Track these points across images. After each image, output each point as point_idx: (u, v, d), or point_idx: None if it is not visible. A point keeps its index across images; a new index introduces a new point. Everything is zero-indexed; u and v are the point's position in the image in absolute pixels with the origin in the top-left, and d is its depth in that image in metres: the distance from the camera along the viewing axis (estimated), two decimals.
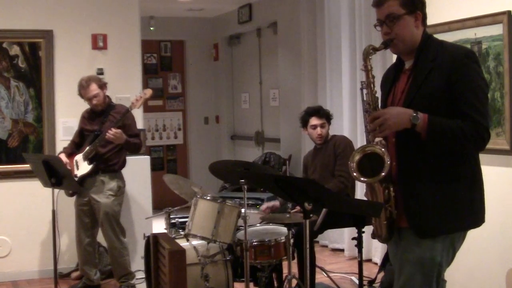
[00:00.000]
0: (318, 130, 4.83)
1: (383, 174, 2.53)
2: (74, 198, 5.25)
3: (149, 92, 5.14)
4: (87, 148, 5.09)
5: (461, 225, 2.61)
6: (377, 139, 2.60)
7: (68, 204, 5.29)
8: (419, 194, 2.57)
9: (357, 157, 2.60)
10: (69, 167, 5.10)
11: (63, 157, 5.17)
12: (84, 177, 5.13)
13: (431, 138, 2.51)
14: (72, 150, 5.28)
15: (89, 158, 5.08)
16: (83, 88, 5.11)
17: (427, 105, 2.54)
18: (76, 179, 5.09)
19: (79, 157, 5.17)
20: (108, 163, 5.14)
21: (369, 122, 2.59)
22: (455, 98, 2.53)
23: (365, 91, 2.67)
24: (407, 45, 2.65)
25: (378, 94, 2.73)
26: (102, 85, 5.17)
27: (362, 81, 2.69)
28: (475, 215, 2.63)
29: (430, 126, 2.50)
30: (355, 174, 2.60)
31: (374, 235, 2.77)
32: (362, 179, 2.60)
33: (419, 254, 2.58)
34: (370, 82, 2.66)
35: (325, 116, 4.89)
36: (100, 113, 5.19)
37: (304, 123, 4.91)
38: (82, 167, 5.12)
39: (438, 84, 2.54)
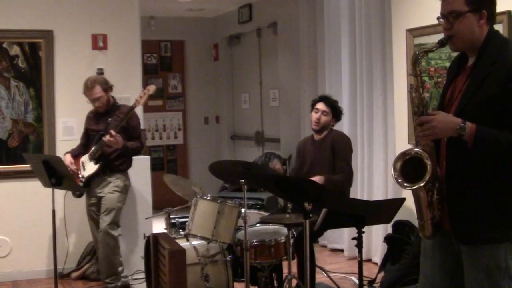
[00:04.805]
0: (318, 115, 4.82)
1: (427, 177, 2.46)
2: (73, 199, 5.25)
3: (152, 88, 5.09)
4: (93, 148, 5.09)
5: (508, 235, 2.49)
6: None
7: (72, 205, 5.29)
8: (464, 198, 2.50)
9: (398, 164, 2.54)
10: (74, 168, 5.10)
11: (68, 157, 5.17)
12: (91, 178, 5.13)
13: (478, 148, 2.44)
14: (79, 151, 5.28)
15: (95, 158, 5.08)
16: (87, 89, 5.11)
17: (480, 114, 2.46)
18: (83, 180, 5.11)
19: (85, 158, 5.17)
20: (115, 163, 5.13)
21: (416, 125, 2.54)
22: (507, 108, 2.43)
23: (414, 94, 2.59)
24: (466, 44, 2.57)
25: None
26: (107, 88, 5.15)
27: (411, 84, 2.63)
28: None
29: (477, 137, 2.42)
30: (399, 180, 2.52)
31: (419, 232, 2.69)
32: (405, 184, 2.52)
33: (483, 263, 2.48)
34: (419, 86, 2.58)
35: (332, 106, 4.87)
36: (105, 113, 5.19)
37: (312, 106, 4.93)
38: (88, 167, 5.12)
39: (493, 93, 2.45)
